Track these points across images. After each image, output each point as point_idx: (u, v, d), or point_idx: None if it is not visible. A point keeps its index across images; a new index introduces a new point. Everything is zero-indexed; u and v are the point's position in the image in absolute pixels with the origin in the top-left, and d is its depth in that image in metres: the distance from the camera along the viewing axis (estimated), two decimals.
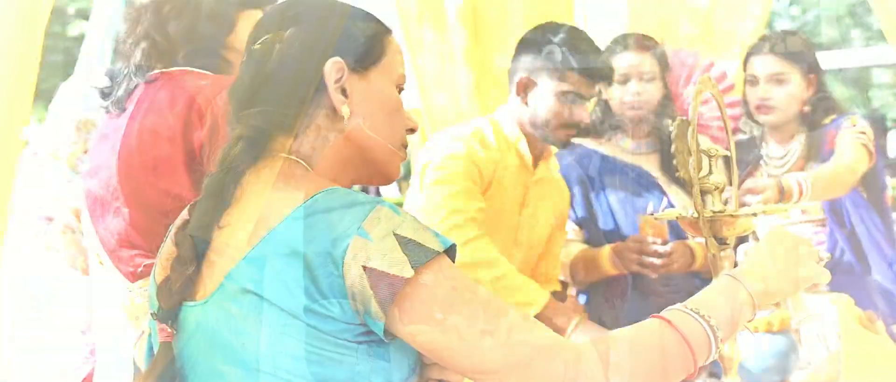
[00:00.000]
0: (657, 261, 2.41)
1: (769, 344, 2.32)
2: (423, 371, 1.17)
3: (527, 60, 2.31)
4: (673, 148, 1.31)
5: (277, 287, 1.05)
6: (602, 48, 2.73)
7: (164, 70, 1.59)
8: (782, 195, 2.43)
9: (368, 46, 1.22)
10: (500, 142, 2.33)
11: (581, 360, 1.03)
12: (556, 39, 2.28)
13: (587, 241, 2.70)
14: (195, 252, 1.14)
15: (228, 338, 1.08)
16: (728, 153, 1.33)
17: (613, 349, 1.06)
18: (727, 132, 1.41)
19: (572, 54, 2.25)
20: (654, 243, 2.42)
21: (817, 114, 2.66)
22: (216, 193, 1.15)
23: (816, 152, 2.62)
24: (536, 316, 2.10)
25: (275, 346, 1.05)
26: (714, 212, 1.32)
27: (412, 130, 1.28)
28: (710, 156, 1.33)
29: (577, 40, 2.28)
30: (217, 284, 1.10)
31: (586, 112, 2.31)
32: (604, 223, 2.70)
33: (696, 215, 1.30)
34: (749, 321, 1.18)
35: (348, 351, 1.06)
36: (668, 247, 2.42)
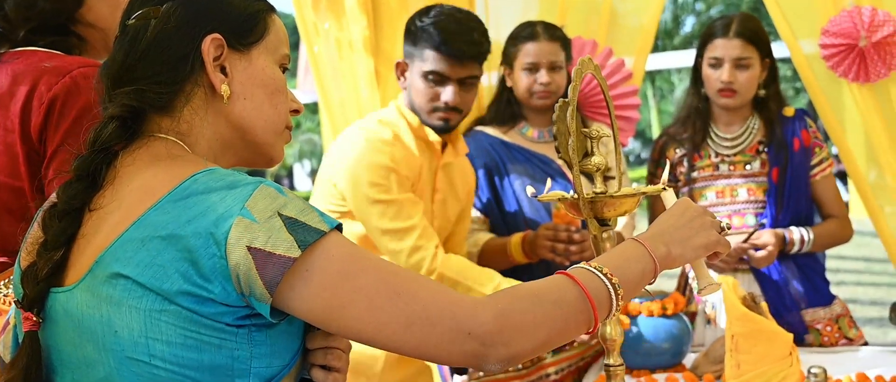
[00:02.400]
0: (572, 248, 2.41)
1: (664, 327, 2.36)
2: (305, 356, 1.15)
3: (405, 43, 2.32)
4: (555, 129, 1.30)
5: (152, 270, 1.01)
6: (507, 35, 2.74)
7: (8, 51, 1.50)
8: (784, 245, 2.60)
9: (250, 24, 1.19)
10: (415, 135, 2.31)
11: (479, 313, 1.04)
12: (425, 21, 2.25)
13: (492, 229, 2.70)
14: (63, 236, 1.09)
15: (98, 325, 1.04)
16: (609, 134, 1.33)
17: (515, 301, 1.07)
18: (610, 114, 1.41)
19: (437, 33, 2.22)
20: (568, 231, 2.43)
21: (769, 99, 2.71)
22: (87, 175, 1.11)
23: (779, 144, 2.66)
24: None
25: (148, 332, 1.02)
26: (595, 194, 1.32)
27: (297, 111, 1.26)
28: (591, 138, 1.33)
29: (445, 21, 2.24)
30: (87, 269, 1.06)
31: (456, 94, 2.27)
32: (509, 211, 2.70)
33: (576, 196, 1.29)
34: (650, 283, 1.22)
35: (228, 336, 1.03)
36: (581, 234, 2.42)
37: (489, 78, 3.10)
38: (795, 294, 2.67)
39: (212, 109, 1.16)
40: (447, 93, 2.26)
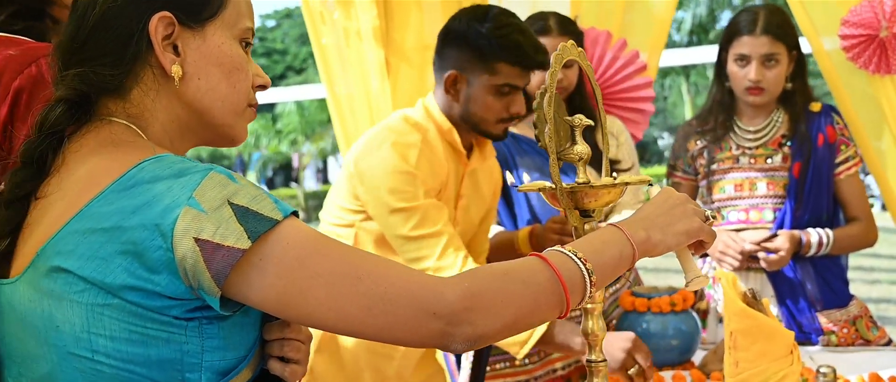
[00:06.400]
0: None
1: (673, 324, 2.31)
2: (264, 347, 1.12)
3: (453, 54, 2.16)
4: (535, 117, 1.26)
5: (94, 263, 0.98)
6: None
7: None
8: (800, 247, 2.55)
9: None
10: (443, 139, 2.21)
11: (444, 292, 1.02)
12: (484, 29, 2.11)
13: (500, 222, 2.66)
14: (9, 226, 1.06)
15: (40, 320, 1.01)
16: (591, 123, 1.29)
17: (483, 279, 1.05)
18: (597, 102, 1.37)
19: (502, 44, 2.09)
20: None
21: (796, 93, 2.64)
22: (33, 161, 1.07)
23: (802, 138, 2.59)
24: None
25: (90, 327, 0.99)
26: (578, 184, 1.28)
27: (263, 87, 1.21)
28: (573, 126, 1.29)
29: (506, 28, 2.12)
30: (29, 261, 1.03)
31: (523, 102, 2.18)
32: (518, 204, 2.66)
33: (554, 187, 1.26)
34: (629, 269, 1.19)
35: (176, 329, 1.00)
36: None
37: None
38: (810, 295, 2.60)
39: (165, 91, 1.11)
40: (517, 105, 2.16)
